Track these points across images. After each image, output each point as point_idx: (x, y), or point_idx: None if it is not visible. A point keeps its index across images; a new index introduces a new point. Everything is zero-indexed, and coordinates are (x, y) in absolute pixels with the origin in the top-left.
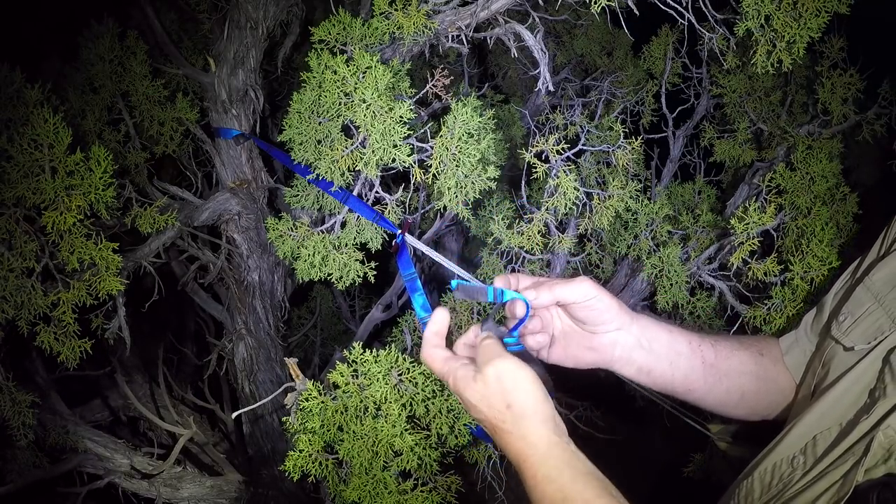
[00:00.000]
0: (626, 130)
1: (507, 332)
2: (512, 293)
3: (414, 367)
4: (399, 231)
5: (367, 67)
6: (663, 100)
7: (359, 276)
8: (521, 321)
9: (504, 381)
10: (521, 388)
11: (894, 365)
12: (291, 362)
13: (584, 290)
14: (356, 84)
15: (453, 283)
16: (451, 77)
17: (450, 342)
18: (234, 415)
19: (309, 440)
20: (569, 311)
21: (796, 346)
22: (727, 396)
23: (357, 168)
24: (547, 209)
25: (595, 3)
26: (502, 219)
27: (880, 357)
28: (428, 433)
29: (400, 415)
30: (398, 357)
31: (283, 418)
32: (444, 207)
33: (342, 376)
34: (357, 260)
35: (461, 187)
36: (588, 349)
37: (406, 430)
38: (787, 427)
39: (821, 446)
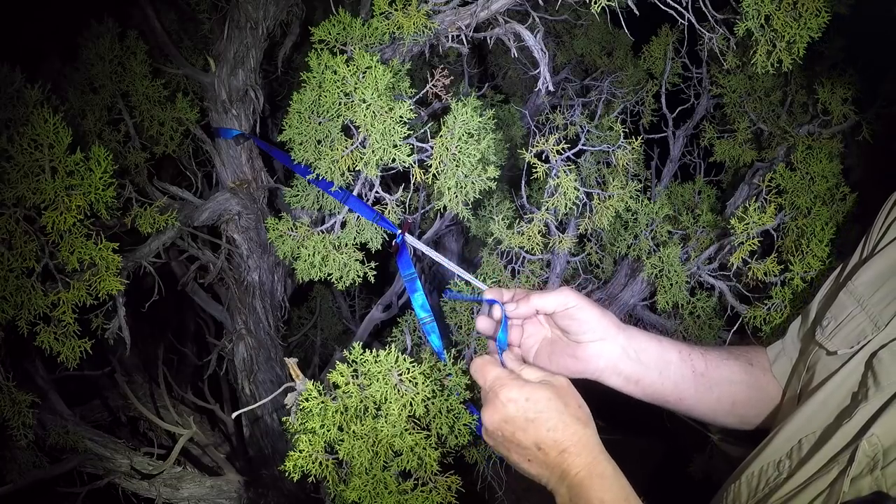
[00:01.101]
0: (626, 130)
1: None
2: (497, 310)
3: (414, 367)
4: (399, 231)
5: (367, 67)
6: (663, 100)
7: (359, 276)
8: (502, 341)
9: (573, 389)
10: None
11: (876, 369)
12: (291, 362)
13: (562, 300)
14: (356, 84)
15: (446, 293)
16: (451, 77)
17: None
18: (234, 415)
19: (309, 440)
20: (553, 319)
21: (783, 355)
22: (718, 405)
23: (357, 168)
24: (547, 209)
25: (595, 3)
26: (502, 219)
27: (863, 361)
28: (428, 433)
29: (400, 415)
30: (398, 357)
31: (283, 418)
32: (444, 207)
33: (342, 376)
34: (357, 260)
35: (461, 187)
36: (571, 358)
37: (406, 430)
38: (774, 431)
39: (806, 450)
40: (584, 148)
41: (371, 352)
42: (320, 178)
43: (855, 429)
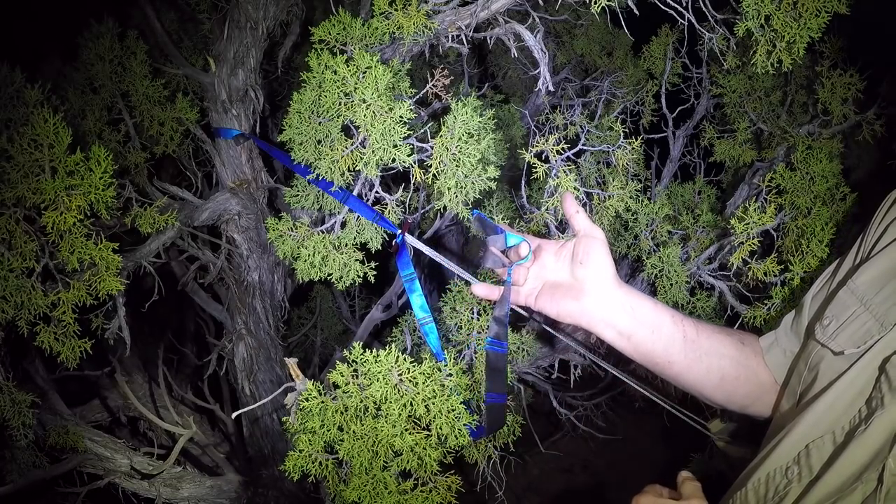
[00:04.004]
0: (626, 130)
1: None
2: (517, 237)
3: (414, 367)
4: (399, 231)
5: (367, 67)
6: (663, 100)
7: (359, 276)
8: (522, 260)
9: None
10: None
11: (891, 374)
12: (291, 362)
13: (594, 227)
14: (356, 84)
15: (474, 212)
16: (451, 77)
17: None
18: (234, 415)
19: (309, 440)
20: (568, 249)
21: (776, 346)
22: (706, 376)
23: (357, 168)
24: (547, 209)
25: (595, 3)
26: (502, 219)
27: (873, 363)
28: (428, 433)
29: (400, 415)
30: (398, 357)
31: (283, 418)
32: (444, 207)
33: (342, 376)
34: (357, 260)
35: (461, 187)
36: (573, 300)
37: (406, 430)
38: (779, 436)
39: (814, 456)
40: (584, 148)
41: (371, 352)
42: (320, 178)
43: (874, 440)
